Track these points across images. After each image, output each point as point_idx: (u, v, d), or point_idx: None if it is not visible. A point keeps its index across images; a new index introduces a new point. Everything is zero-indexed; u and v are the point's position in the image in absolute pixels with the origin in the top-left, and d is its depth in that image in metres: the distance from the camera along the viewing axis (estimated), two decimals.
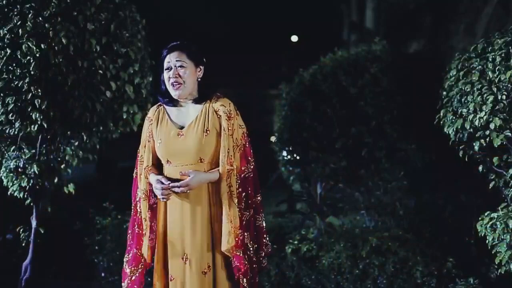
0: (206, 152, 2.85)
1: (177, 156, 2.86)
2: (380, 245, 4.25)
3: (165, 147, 2.87)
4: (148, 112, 3.04)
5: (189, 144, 2.84)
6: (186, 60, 2.89)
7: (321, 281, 4.34)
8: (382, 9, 11.20)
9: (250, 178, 2.91)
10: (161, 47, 2.98)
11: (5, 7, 3.83)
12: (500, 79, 3.33)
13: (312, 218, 4.81)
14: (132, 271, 2.95)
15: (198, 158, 2.84)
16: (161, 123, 2.94)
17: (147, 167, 2.95)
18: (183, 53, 2.89)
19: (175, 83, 2.87)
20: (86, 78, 3.87)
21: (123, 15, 4.09)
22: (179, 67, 2.88)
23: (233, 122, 2.88)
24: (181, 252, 2.86)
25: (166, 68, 2.91)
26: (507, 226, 3.36)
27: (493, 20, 7.61)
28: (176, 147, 2.85)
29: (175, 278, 2.88)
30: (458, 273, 4.09)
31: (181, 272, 2.87)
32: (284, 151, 5.55)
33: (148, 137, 2.98)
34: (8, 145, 4.10)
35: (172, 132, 2.88)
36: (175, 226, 2.88)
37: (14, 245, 4.66)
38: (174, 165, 2.87)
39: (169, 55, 2.90)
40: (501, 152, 3.49)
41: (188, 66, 2.89)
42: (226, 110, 2.88)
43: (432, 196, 4.90)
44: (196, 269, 2.84)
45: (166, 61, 2.91)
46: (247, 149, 2.92)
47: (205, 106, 2.90)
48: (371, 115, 4.90)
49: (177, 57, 2.88)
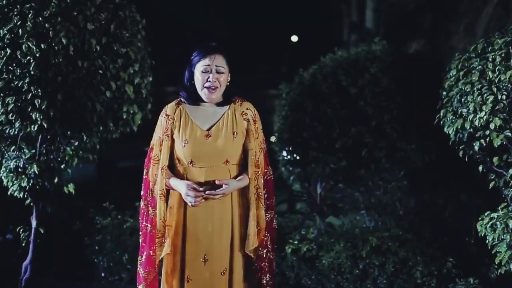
0: (234, 154, 2.86)
1: (204, 157, 2.83)
2: (380, 245, 4.25)
3: (192, 148, 2.83)
4: (166, 109, 2.93)
5: (218, 146, 2.83)
6: (225, 65, 2.86)
7: (321, 281, 4.34)
8: (382, 9, 11.20)
9: (271, 180, 2.96)
10: (161, 47, 2.97)
11: (5, 7, 3.82)
12: (500, 79, 3.33)
13: (312, 218, 4.80)
14: (148, 274, 2.90)
15: (225, 160, 2.85)
16: (184, 124, 2.88)
17: (164, 166, 2.88)
18: (223, 58, 2.86)
19: (213, 86, 2.83)
20: (86, 78, 3.87)
21: (123, 15, 4.09)
22: (220, 73, 2.84)
23: (257, 126, 2.93)
24: (201, 253, 2.84)
25: (203, 71, 2.83)
26: (507, 226, 3.36)
27: (493, 20, 7.61)
28: (204, 148, 2.83)
29: (193, 279, 2.85)
30: (458, 273, 4.08)
31: (200, 273, 2.85)
32: (284, 151, 5.54)
33: (165, 135, 2.90)
34: (8, 145, 4.10)
35: (198, 133, 2.85)
36: (197, 227, 2.85)
37: (14, 245, 4.65)
38: (198, 166, 2.84)
39: (210, 57, 2.83)
40: (501, 152, 3.49)
41: (225, 72, 2.87)
42: (252, 114, 2.93)
43: (432, 196, 4.89)
44: (215, 270, 2.84)
45: (204, 63, 2.83)
46: (266, 152, 2.98)
47: (231, 109, 2.90)
48: (371, 115, 4.90)
49: (218, 63, 2.83)
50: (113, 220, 4.85)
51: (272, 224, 3.00)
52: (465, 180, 4.63)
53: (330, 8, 13.82)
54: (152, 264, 2.88)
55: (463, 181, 4.70)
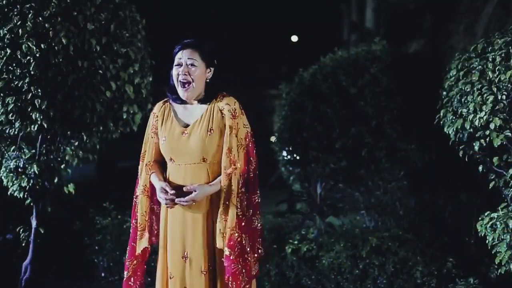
0: (209, 152, 2.84)
1: (181, 155, 2.86)
2: (380, 245, 4.25)
3: (169, 145, 2.87)
4: (154, 107, 3.01)
5: (192, 143, 2.83)
6: (198, 59, 2.86)
7: (321, 281, 4.35)
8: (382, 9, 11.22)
9: (251, 179, 2.88)
10: (161, 47, 2.98)
11: (5, 7, 3.82)
12: (500, 79, 3.32)
13: (312, 218, 4.80)
14: (131, 262, 2.96)
15: (201, 158, 2.84)
16: (166, 120, 2.92)
17: (149, 163, 2.95)
18: (196, 52, 2.86)
19: (183, 80, 2.85)
20: (86, 78, 3.87)
21: (123, 15, 4.09)
22: (190, 65, 2.85)
23: (238, 121, 2.86)
24: (182, 251, 2.86)
25: (176, 64, 2.88)
26: (507, 226, 3.36)
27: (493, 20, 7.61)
28: (180, 146, 2.85)
29: (175, 276, 2.87)
30: (458, 273, 4.09)
31: (181, 270, 2.86)
32: (284, 151, 5.54)
33: (152, 132, 2.97)
34: (8, 145, 4.10)
35: (176, 131, 2.88)
36: (176, 224, 2.87)
37: (14, 245, 4.65)
38: (177, 163, 2.87)
39: (182, 51, 2.87)
40: (501, 152, 3.49)
41: (199, 66, 2.86)
42: (231, 109, 2.86)
43: (432, 196, 4.89)
44: (195, 268, 2.84)
45: (177, 57, 2.87)
46: (250, 149, 2.89)
47: (211, 106, 2.89)
48: (371, 115, 4.90)
49: (189, 55, 2.85)
50: (113, 220, 4.85)
51: (252, 224, 2.89)
52: (465, 180, 4.63)
53: (330, 8, 13.83)
54: (133, 254, 2.95)
55: (463, 181, 4.70)
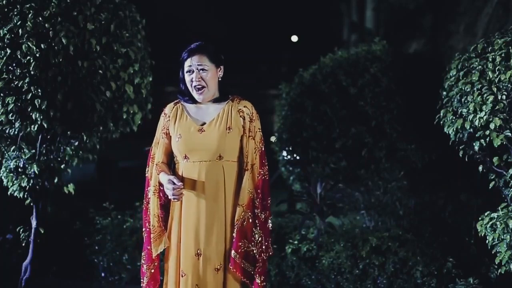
0: (227, 149, 2.88)
1: (197, 151, 2.88)
2: (380, 245, 4.25)
3: (184, 142, 2.90)
4: (165, 109, 3.05)
5: (210, 140, 2.87)
6: (208, 63, 2.92)
7: (321, 281, 4.35)
8: (382, 9, 11.23)
9: (266, 181, 2.96)
10: (161, 47, 2.99)
11: (5, 7, 3.82)
12: (500, 79, 3.33)
13: (312, 218, 4.80)
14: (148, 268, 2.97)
15: (218, 155, 2.88)
16: (179, 120, 2.96)
17: (158, 163, 2.98)
18: (204, 56, 2.92)
19: (198, 86, 2.91)
20: (86, 78, 3.87)
21: (123, 15, 4.09)
22: (201, 71, 2.91)
23: (255, 125, 2.95)
24: (195, 248, 2.87)
25: (187, 71, 2.93)
26: (507, 226, 3.36)
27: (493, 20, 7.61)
28: (197, 142, 2.88)
29: (187, 274, 2.87)
30: (458, 273, 4.08)
31: (194, 268, 2.87)
32: (284, 151, 5.54)
33: (162, 133, 3.00)
34: (8, 145, 4.10)
35: (192, 128, 2.91)
36: (190, 222, 2.88)
37: (14, 245, 4.65)
38: (192, 160, 2.89)
39: (190, 58, 2.92)
40: (501, 152, 3.49)
41: (210, 69, 2.93)
42: (249, 112, 2.95)
43: (432, 196, 4.89)
44: (209, 265, 2.86)
45: (187, 64, 2.93)
46: (263, 152, 2.98)
47: (228, 106, 2.95)
48: (371, 115, 4.90)
49: (198, 61, 2.91)
50: (113, 220, 4.85)
51: (267, 225, 2.98)
52: (465, 180, 4.63)
53: (330, 8, 13.83)
54: (150, 259, 2.96)
55: (463, 181, 4.70)
